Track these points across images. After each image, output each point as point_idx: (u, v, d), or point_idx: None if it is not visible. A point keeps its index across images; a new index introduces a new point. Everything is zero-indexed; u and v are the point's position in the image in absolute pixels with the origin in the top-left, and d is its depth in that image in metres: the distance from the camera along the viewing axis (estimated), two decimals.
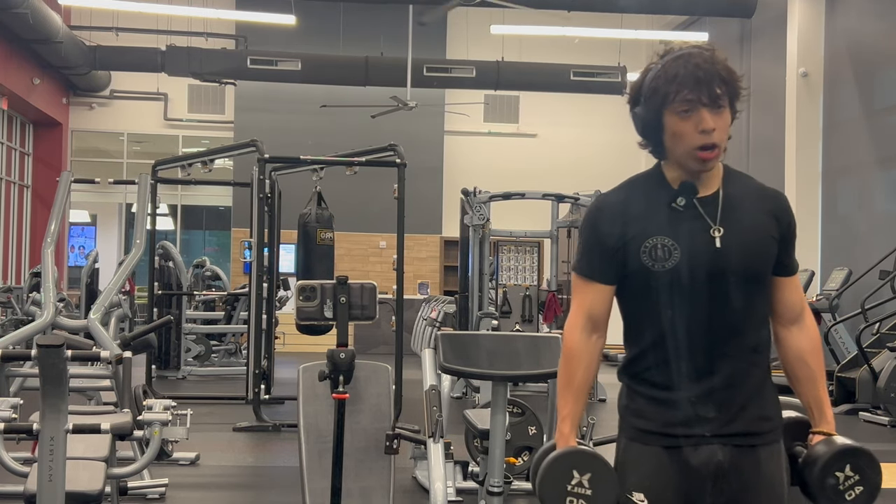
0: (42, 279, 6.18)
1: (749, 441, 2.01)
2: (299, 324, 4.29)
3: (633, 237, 2.01)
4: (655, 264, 1.99)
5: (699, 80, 1.93)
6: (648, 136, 2.05)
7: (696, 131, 1.95)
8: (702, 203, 2.02)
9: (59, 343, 2.99)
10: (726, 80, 1.97)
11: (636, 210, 2.03)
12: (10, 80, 13.91)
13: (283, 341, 10.56)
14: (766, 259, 2.03)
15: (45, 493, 3.01)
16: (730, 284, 1.99)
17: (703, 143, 1.95)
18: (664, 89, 1.96)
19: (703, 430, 1.99)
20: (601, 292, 2.08)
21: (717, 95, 1.95)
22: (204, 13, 14.59)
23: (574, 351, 2.09)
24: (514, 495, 5.12)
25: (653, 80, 1.99)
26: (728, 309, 1.99)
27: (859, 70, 11.91)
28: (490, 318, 8.85)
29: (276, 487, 5.74)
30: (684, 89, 1.94)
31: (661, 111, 1.98)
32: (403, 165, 7.65)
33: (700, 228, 2.00)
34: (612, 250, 2.04)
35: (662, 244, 1.99)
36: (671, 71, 1.96)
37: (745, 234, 2.01)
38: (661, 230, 2.00)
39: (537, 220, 11.03)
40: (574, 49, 16.22)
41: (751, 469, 2.00)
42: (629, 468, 2.05)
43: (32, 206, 16.49)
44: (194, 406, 4.50)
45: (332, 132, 15.91)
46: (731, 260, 1.98)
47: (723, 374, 1.99)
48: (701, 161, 1.98)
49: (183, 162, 9.07)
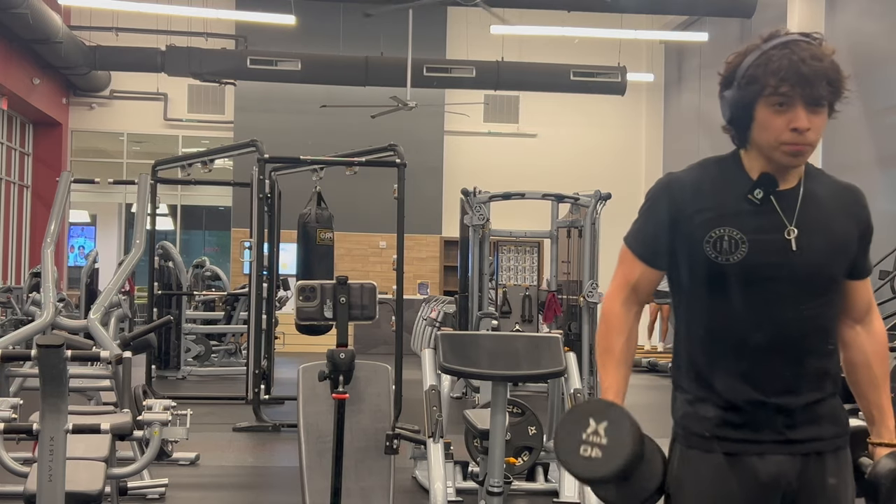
0: (42, 279, 6.17)
1: (816, 447, 1.89)
2: (299, 324, 4.29)
3: (699, 224, 1.88)
4: (719, 256, 1.86)
5: (802, 77, 1.80)
6: (735, 122, 1.91)
7: (787, 128, 1.83)
8: (778, 198, 1.89)
9: (59, 343, 2.99)
10: (832, 81, 1.83)
11: (708, 195, 1.91)
12: (10, 80, 13.90)
13: (283, 341, 10.56)
14: (842, 264, 1.94)
15: (45, 493, 3.01)
16: (801, 287, 1.88)
17: (794, 141, 1.84)
18: (763, 80, 1.82)
19: (766, 435, 1.87)
20: (650, 273, 1.98)
21: (819, 96, 1.82)
22: (204, 13, 14.59)
23: (615, 321, 1.98)
24: (514, 495, 5.13)
25: (751, 66, 1.84)
26: (796, 312, 1.88)
27: (859, 70, 11.91)
28: (490, 319, 8.85)
29: (276, 487, 5.74)
30: (784, 84, 1.81)
31: (755, 101, 1.85)
32: (403, 165, 7.65)
33: (773, 226, 1.88)
34: (671, 233, 1.92)
35: (730, 236, 1.86)
36: (774, 61, 1.82)
37: (824, 236, 1.91)
38: (731, 222, 1.87)
39: (537, 220, 11.02)
40: (574, 49, 16.22)
41: (817, 479, 1.90)
42: (687, 479, 1.92)
43: (32, 206, 16.48)
44: (194, 406, 4.50)
45: (332, 132, 15.90)
46: (806, 263, 1.88)
47: (787, 378, 1.88)
48: (790, 155, 1.86)
49: (183, 162, 9.07)
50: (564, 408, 4.79)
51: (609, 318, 2.00)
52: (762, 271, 1.87)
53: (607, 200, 9.73)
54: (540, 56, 15.75)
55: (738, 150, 1.96)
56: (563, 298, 10.25)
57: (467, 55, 15.84)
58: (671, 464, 1.95)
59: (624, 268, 2.01)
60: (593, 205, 9.67)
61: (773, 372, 1.88)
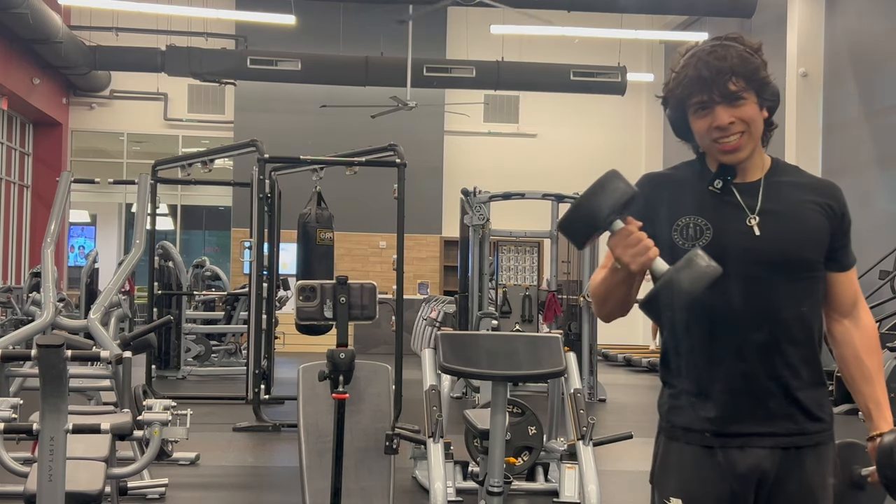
0: (42, 279, 6.17)
1: (795, 442, 1.93)
2: (299, 324, 4.29)
3: (668, 216, 1.98)
4: (686, 243, 1.95)
5: (704, 81, 1.92)
6: (681, 136, 2.06)
7: (709, 128, 1.95)
8: (740, 190, 1.98)
9: (59, 343, 2.99)
10: (741, 73, 1.92)
11: (676, 190, 2.02)
12: (10, 80, 13.91)
13: (283, 341, 10.56)
14: (816, 251, 1.97)
15: (45, 493, 3.01)
16: (768, 274, 1.93)
17: (720, 137, 1.94)
18: (678, 93, 1.98)
19: (745, 427, 1.92)
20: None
21: (730, 92, 1.92)
22: (204, 13, 14.59)
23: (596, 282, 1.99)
24: (514, 495, 5.13)
25: (671, 85, 2.00)
26: (765, 299, 1.92)
27: (859, 70, 11.92)
28: (490, 318, 8.85)
29: (276, 487, 5.74)
30: (691, 91, 1.95)
31: (685, 113, 2.00)
32: (403, 165, 7.65)
33: (736, 215, 1.96)
34: (649, 227, 1.92)
35: (695, 224, 1.96)
36: (682, 73, 1.96)
37: (787, 223, 1.96)
38: (695, 210, 1.97)
39: (537, 220, 11.03)
40: (574, 49, 16.22)
41: (794, 473, 1.92)
42: (669, 470, 1.98)
43: (32, 206, 16.49)
44: (194, 406, 4.50)
45: (332, 132, 15.91)
46: (772, 248, 1.93)
47: (763, 368, 1.92)
48: (724, 153, 1.96)
49: (183, 162, 9.07)
50: (564, 408, 4.79)
51: (594, 283, 2.00)
52: (730, 254, 1.90)
53: None
54: (540, 56, 15.75)
55: (702, 154, 2.07)
56: (563, 298, 10.25)
57: (467, 55, 15.85)
58: (656, 455, 2.02)
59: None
60: None
61: (752, 359, 1.91)
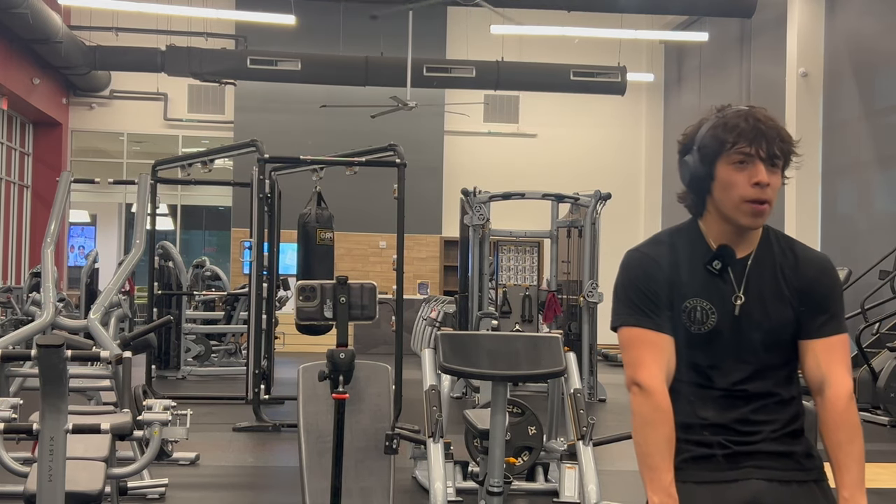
0: (42, 279, 6.17)
1: (794, 476, 1.97)
2: (299, 324, 4.29)
3: (673, 296, 1.98)
4: (693, 326, 1.98)
5: (760, 133, 1.92)
6: (694, 186, 2.01)
7: (749, 183, 1.92)
8: (733, 265, 2.00)
9: (59, 343, 2.99)
10: (785, 141, 1.94)
11: (677, 266, 2.00)
12: (10, 80, 13.91)
13: (283, 341, 10.56)
14: (781, 331, 1.99)
15: (45, 493, 3.01)
16: (751, 351, 1.98)
17: (756, 197, 1.92)
18: (722, 137, 1.93)
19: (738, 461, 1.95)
20: (671, 345, 1.98)
21: (775, 154, 1.93)
22: (204, 13, 14.59)
23: (667, 409, 1.93)
24: (514, 495, 5.13)
25: (710, 128, 1.96)
26: (753, 372, 1.98)
27: (859, 70, 11.92)
28: (490, 318, 8.85)
29: (276, 487, 5.74)
30: (743, 139, 1.92)
31: (715, 160, 1.95)
32: (403, 165, 7.65)
33: (727, 292, 1.99)
34: (665, 302, 1.99)
35: (701, 307, 1.97)
36: (731, 122, 1.94)
37: (763, 304, 1.98)
38: (699, 292, 1.98)
39: (537, 220, 11.03)
40: (574, 49, 16.22)
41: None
42: None
43: (32, 206, 16.49)
44: (194, 406, 4.50)
45: (332, 132, 15.91)
46: (750, 328, 1.97)
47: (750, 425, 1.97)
48: (751, 215, 1.94)
49: (183, 162, 9.07)
50: (564, 408, 4.79)
51: (663, 406, 1.94)
52: (726, 336, 1.98)
53: (607, 200, 9.74)
54: (540, 56, 15.75)
55: (695, 219, 2.05)
56: (563, 298, 10.25)
57: (467, 55, 15.85)
58: None
59: (652, 349, 1.97)
60: (593, 205, 9.68)
61: (737, 419, 1.97)
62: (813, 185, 12.29)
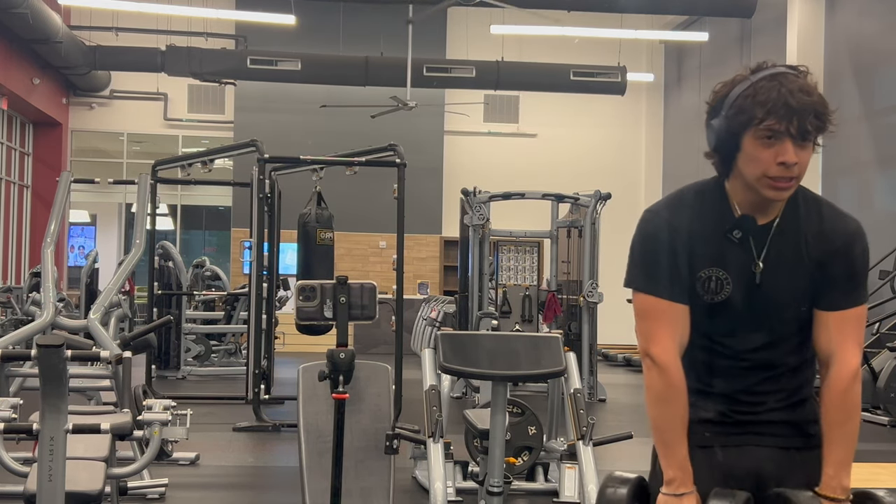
0: (42, 279, 6.17)
1: (794, 443, 1.99)
2: (299, 324, 4.29)
3: (689, 262, 1.95)
4: (706, 296, 1.95)
5: (791, 110, 1.81)
6: (721, 151, 1.93)
7: (774, 161, 1.84)
8: (753, 233, 1.94)
9: (59, 343, 2.99)
10: (819, 115, 1.84)
11: (695, 232, 1.95)
12: (10, 80, 13.90)
13: (283, 341, 10.56)
14: (797, 302, 1.97)
15: (45, 493, 3.01)
16: (765, 320, 1.96)
17: (780, 174, 1.85)
18: (751, 111, 1.83)
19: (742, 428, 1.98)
20: (685, 315, 1.96)
21: (807, 130, 1.83)
22: (204, 13, 14.59)
23: (681, 386, 1.94)
24: (514, 495, 5.13)
25: (740, 97, 1.86)
26: (765, 342, 1.97)
27: (859, 70, 11.91)
28: (490, 318, 8.85)
29: (276, 487, 5.74)
30: (772, 116, 1.81)
31: (742, 132, 1.86)
32: (403, 165, 7.65)
33: (746, 261, 1.95)
34: (683, 271, 1.95)
35: (717, 276, 1.94)
36: (762, 93, 1.83)
37: (782, 273, 1.95)
38: (715, 262, 1.94)
39: (537, 220, 11.03)
40: (574, 49, 16.22)
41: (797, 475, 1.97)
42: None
43: (32, 206, 16.48)
44: (194, 406, 4.50)
45: (332, 132, 15.91)
46: (765, 298, 1.95)
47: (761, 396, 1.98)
48: (775, 190, 1.88)
49: (183, 162, 9.06)
50: (564, 408, 4.79)
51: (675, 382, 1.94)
52: (741, 306, 1.96)
53: (607, 200, 9.74)
54: (540, 56, 15.75)
55: (721, 179, 1.98)
56: (563, 298, 10.25)
57: (467, 55, 15.85)
58: (655, 455, 2.05)
59: (663, 321, 1.95)
60: (593, 205, 9.68)
61: (742, 390, 1.99)
62: (813, 185, 12.20)
